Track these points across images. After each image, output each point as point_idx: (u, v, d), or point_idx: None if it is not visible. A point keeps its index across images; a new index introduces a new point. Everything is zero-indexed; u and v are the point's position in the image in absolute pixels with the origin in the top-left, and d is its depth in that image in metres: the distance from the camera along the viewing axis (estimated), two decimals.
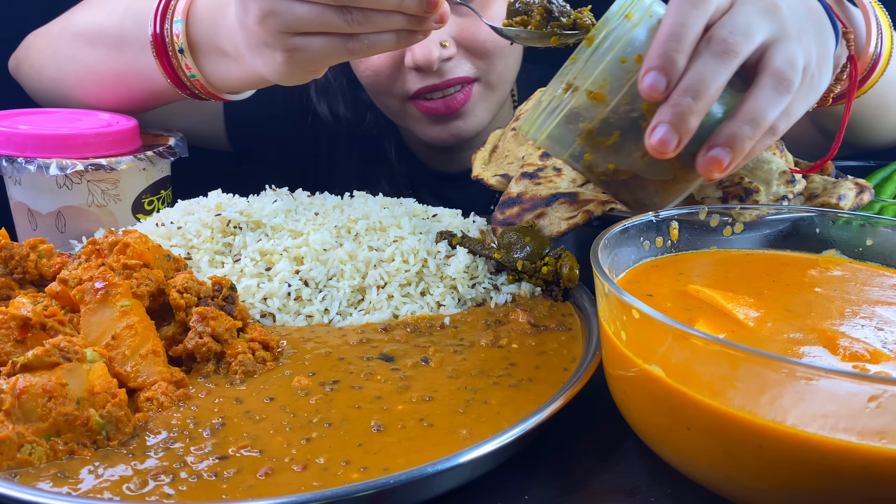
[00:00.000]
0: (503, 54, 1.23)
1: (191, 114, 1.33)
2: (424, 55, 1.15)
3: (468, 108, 1.26)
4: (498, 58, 1.22)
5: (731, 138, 0.64)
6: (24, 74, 1.24)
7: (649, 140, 0.63)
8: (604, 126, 0.68)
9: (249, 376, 0.70)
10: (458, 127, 1.27)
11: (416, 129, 1.31)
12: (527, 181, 0.97)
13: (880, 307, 0.66)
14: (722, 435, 0.52)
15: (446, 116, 1.25)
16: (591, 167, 0.71)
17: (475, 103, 1.26)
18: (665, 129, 0.63)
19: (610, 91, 0.67)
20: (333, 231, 0.89)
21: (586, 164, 0.71)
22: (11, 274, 0.79)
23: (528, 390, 0.68)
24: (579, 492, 0.62)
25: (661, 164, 0.68)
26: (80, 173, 0.99)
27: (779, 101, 0.66)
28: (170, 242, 0.88)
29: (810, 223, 0.78)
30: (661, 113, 0.63)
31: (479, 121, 1.28)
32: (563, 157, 0.72)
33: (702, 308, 0.65)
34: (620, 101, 0.67)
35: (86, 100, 1.16)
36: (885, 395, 0.46)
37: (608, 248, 0.69)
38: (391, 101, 1.27)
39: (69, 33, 1.15)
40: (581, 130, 0.69)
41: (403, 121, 1.32)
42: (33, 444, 0.57)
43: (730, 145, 0.64)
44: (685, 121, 0.63)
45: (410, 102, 1.25)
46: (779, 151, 0.95)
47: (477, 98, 1.26)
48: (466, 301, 0.86)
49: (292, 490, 0.54)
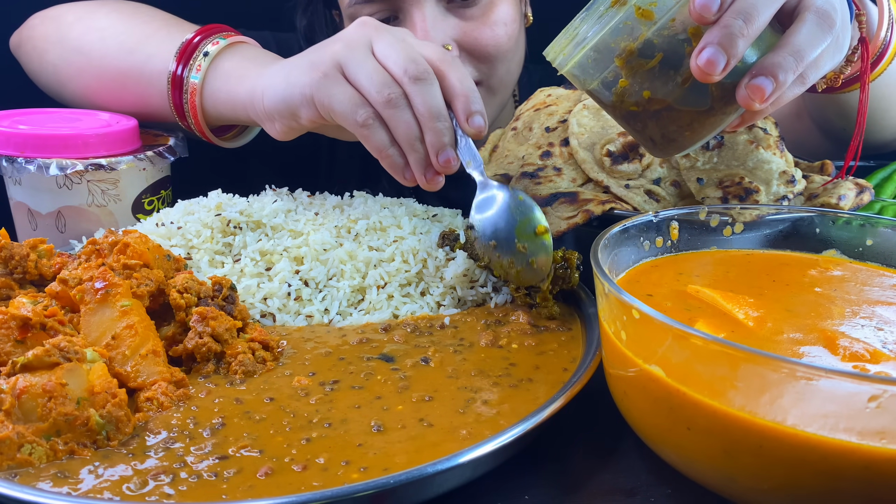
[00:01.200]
0: (505, 58, 1.23)
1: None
2: None
3: None
4: (500, 62, 1.22)
5: (776, 67, 0.65)
6: (24, 54, 1.24)
7: (696, 61, 0.64)
8: (647, 47, 0.67)
9: (249, 376, 0.70)
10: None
11: None
12: (527, 181, 0.97)
13: (880, 307, 0.66)
14: (722, 435, 0.52)
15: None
16: (624, 95, 0.69)
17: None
18: (714, 49, 0.63)
19: (659, 8, 0.65)
20: (333, 231, 0.89)
21: (619, 90, 0.69)
22: (11, 274, 0.79)
23: (528, 390, 0.68)
24: (579, 492, 0.62)
25: (700, 93, 0.67)
26: (80, 173, 0.99)
27: (822, 37, 0.67)
28: (170, 242, 0.88)
29: (810, 223, 0.78)
30: (711, 34, 0.64)
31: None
32: (592, 86, 0.70)
33: (702, 308, 0.65)
34: (668, 22, 0.66)
35: (81, 92, 1.17)
36: (885, 395, 0.46)
37: (608, 248, 0.69)
38: None
39: (86, 23, 1.16)
40: (622, 51, 0.67)
41: None
42: (33, 444, 0.57)
43: (773, 74, 0.65)
44: (734, 42, 0.63)
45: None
46: (779, 151, 0.95)
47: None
48: (466, 301, 0.86)
49: (292, 490, 0.54)
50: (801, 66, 0.67)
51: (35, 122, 1.05)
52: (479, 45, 1.19)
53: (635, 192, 0.92)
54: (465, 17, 1.18)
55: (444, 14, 1.17)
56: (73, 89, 1.18)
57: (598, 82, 0.70)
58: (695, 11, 0.64)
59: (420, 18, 1.15)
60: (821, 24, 0.67)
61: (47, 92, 1.24)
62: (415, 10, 1.15)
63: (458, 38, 1.19)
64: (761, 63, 0.66)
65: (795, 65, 0.66)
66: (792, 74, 0.66)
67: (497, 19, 1.20)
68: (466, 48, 1.20)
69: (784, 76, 0.66)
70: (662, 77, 0.68)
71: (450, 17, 1.18)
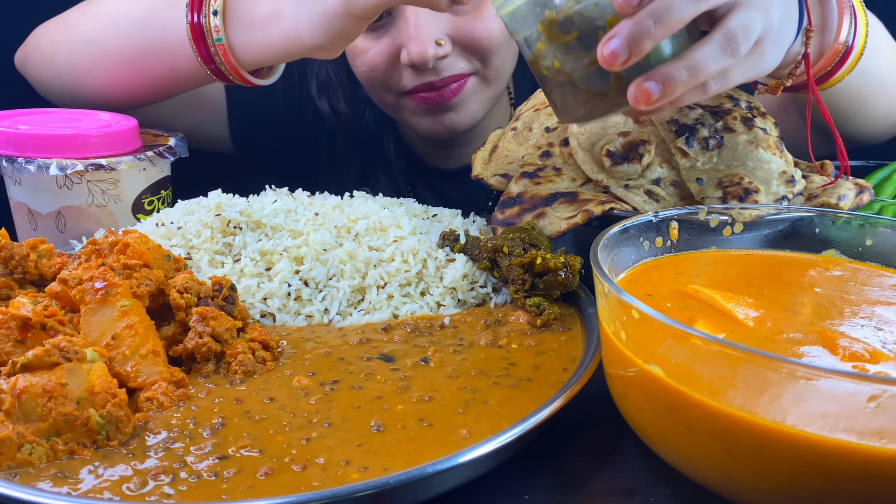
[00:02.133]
0: (500, 51, 1.23)
1: (194, 113, 1.33)
2: (420, 53, 1.15)
3: (461, 100, 1.25)
4: (495, 54, 1.22)
5: (667, 78, 0.68)
6: (32, 65, 1.23)
7: (602, 48, 0.66)
8: (566, 23, 0.70)
9: (249, 376, 0.70)
10: (451, 119, 1.27)
11: (411, 121, 1.31)
12: (526, 181, 0.97)
13: (880, 307, 0.66)
14: (721, 435, 0.52)
15: (439, 107, 1.25)
16: (538, 57, 0.73)
17: (469, 95, 1.26)
18: (619, 42, 0.66)
19: None
20: (333, 231, 0.89)
21: (536, 52, 0.73)
22: (11, 274, 0.79)
23: (528, 390, 0.68)
24: (579, 491, 0.63)
25: (601, 78, 0.71)
26: (80, 173, 0.99)
27: (721, 60, 0.70)
28: (170, 242, 0.88)
29: (810, 223, 0.78)
30: (622, 27, 0.66)
31: (471, 113, 1.28)
32: (518, 38, 0.74)
33: (701, 308, 0.65)
34: (591, 4, 0.69)
35: (101, 84, 1.15)
36: (885, 395, 0.46)
37: (608, 249, 0.69)
38: (387, 96, 1.28)
39: (91, 14, 1.15)
40: (545, 18, 0.70)
41: (399, 115, 1.33)
42: (33, 444, 0.57)
43: (664, 83, 0.68)
44: (640, 41, 0.66)
45: (406, 96, 1.25)
46: (778, 152, 0.95)
47: (471, 90, 1.26)
48: (467, 301, 0.86)
49: (292, 490, 0.54)
50: (696, 81, 0.69)
51: (35, 122, 1.05)
52: (472, 38, 1.19)
53: (635, 193, 0.92)
54: (457, 11, 1.18)
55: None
56: (91, 83, 1.16)
57: (522, 37, 0.74)
58: (617, 2, 0.66)
59: (412, 14, 1.15)
60: (724, 48, 0.69)
61: (61, 98, 1.22)
62: (406, 8, 1.14)
63: (450, 32, 1.19)
64: (657, 69, 0.69)
65: (688, 79, 0.68)
66: (682, 87, 0.68)
67: (490, 13, 1.20)
68: (459, 42, 1.20)
69: (673, 86, 0.68)
70: (573, 54, 0.71)
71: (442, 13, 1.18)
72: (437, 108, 1.25)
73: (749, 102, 1.01)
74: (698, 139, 0.93)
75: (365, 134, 1.44)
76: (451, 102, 1.24)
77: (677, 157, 0.93)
